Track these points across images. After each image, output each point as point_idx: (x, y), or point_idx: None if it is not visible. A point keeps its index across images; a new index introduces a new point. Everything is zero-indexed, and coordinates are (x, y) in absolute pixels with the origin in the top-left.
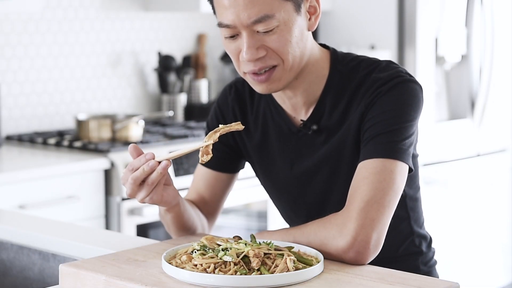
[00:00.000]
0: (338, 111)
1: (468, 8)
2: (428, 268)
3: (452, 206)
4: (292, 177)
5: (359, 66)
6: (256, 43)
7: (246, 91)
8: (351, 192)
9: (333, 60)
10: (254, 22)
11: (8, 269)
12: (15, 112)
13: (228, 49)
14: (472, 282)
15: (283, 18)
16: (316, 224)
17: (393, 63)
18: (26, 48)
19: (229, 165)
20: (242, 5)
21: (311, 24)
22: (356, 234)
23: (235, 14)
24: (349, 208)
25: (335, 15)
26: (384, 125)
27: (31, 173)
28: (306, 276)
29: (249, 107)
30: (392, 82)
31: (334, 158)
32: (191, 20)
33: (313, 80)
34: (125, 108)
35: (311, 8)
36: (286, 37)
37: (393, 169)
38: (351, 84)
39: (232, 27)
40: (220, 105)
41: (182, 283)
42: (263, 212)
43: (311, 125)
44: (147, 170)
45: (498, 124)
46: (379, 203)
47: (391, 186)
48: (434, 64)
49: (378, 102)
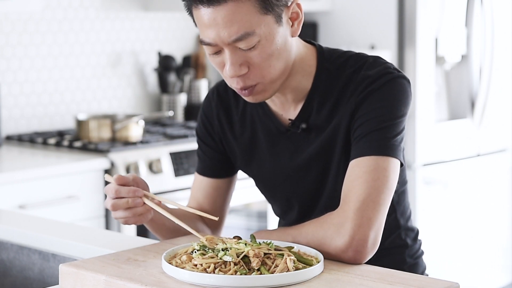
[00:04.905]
0: (326, 109)
1: (468, 8)
2: (415, 260)
3: (452, 206)
4: (283, 176)
5: (346, 63)
6: (239, 59)
7: (230, 94)
8: (346, 191)
9: (319, 57)
10: (234, 41)
11: (8, 269)
12: (15, 112)
13: (213, 63)
14: (472, 282)
15: (264, 32)
16: (313, 224)
17: (381, 58)
18: (26, 48)
19: (224, 169)
20: (222, 24)
21: (294, 30)
22: (354, 234)
23: (215, 33)
24: (345, 207)
25: (335, 15)
26: (375, 122)
27: (31, 173)
28: (306, 276)
29: (234, 109)
30: (381, 79)
31: (324, 155)
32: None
33: (300, 79)
34: (125, 108)
35: (293, 14)
36: (268, 52)
37: (386, 166)
38: (339, 81)
39: (214, 45)
40: (205, 112)
41: (182, 283)
42: (263, 212)
43: (299, 124)
44: (131, 203)
45: (498, 124)
46: (375, 201)
47: (385, 184)
48: (434, 64)
49: (368, 99)
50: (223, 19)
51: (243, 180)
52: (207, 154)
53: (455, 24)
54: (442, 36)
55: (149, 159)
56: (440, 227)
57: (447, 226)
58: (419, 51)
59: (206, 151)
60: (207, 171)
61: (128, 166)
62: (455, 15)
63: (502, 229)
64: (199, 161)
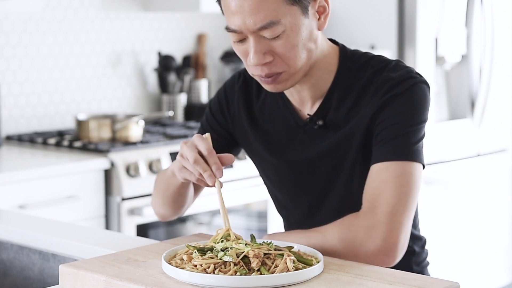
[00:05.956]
0: (345, 107)
1: (468, 8)
2: (421, 268)
3: (452, 206)
4: (295, 168)
5: (368, 64)
6: (263, 48)
7: (254, 82)
8: (374, 195)
9: (342, 56)
10: (260, 29)
11: (8, 269)
12: (15, 112)
13: (237, 51)
14: (472, 282)
15: (290, 23)
16: (337, 226)
17: (402, 63)
18: (26, 48)
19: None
20: (248, 11)
21: (321, 24)
22: (386, 238)
23: (241, 20)
24: (376, 211)
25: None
26: (399, 127)
27: (31, 173)
28: (306, 276)
29: (254, 98)
30: (404, 84)
31: (338, 153)
32: (191, 20)
33: (321, 76)
34: (125, 108)
35: (320, 8)
36: (293, 42)
37: (412, 171)
38: (360, 81)
39: (239, 32)
40: (226, 90)
41: (182, 283)
42: (263, 212)
43: (317, 120)
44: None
45: (498, 124)
46: (404, 206)
47: (413, 189)
48: (434, 64)
49: (391, 104)
50: (250, 7)
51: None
52: (213, 127)
53: (455, 24)
54: (442, 36)
55: (149, 159)
56: (440, 227)
57: (447, 226)
58: (419, 51)
59: (213, 124)
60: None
61: (128, 166)
62: (455, 15)
63: (502, 229)
64: (202, 131)
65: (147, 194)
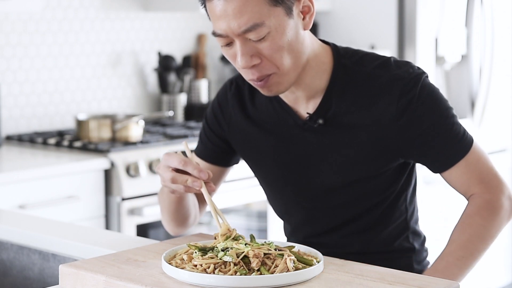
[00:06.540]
0: (346, 103)
1: (468, 8)
2: (422, 267)
3: (452, 206)
4: (296, 169)
5: (363, 60)
6: (250, 50)
7: (246, 87)
8: (466, 187)
9: (335, 54)
10: (244, 31)
11: (8, 269)
12: (15, 112)
13: (226, 55)
14: (472, 282)
15: (274, 24)
16: (468, 229)
17: (395, 58)
18: (26, 48)
19: (223, 158)
20: (232, 14)
21: (306, 24)
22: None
23: (226, 24)
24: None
25: (335, 15)
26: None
27: (31, 173)
28: (306, 276)
29: (249, 102)
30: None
31: (342, 151)
32: (191, 20)
33: (315, 75)
34: (125, 108)
35: (305, 7)
36: (279, 43)
37: (477, 151)
38: (358, 76)
39: (225, 36)
40: (219, 100)
41: (182, 283)
42: (263, 212)
43: (317, 119)
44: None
45: (498, 124)
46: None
47: (486, 161)
48: (434, 64)
49: (419, 110)
50: (233, 10)
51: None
52: (210, 138)
53: (455, 24)
54: (442, 36)
55: (149, 159)
56: (440, 227)
57: (447, 226)
58: (419, 51)
59: (210, 136)
60: (207, 156)
61: (128, 166)
62: (455, 15)
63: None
64: (201, 143)
65: (147, 194)
